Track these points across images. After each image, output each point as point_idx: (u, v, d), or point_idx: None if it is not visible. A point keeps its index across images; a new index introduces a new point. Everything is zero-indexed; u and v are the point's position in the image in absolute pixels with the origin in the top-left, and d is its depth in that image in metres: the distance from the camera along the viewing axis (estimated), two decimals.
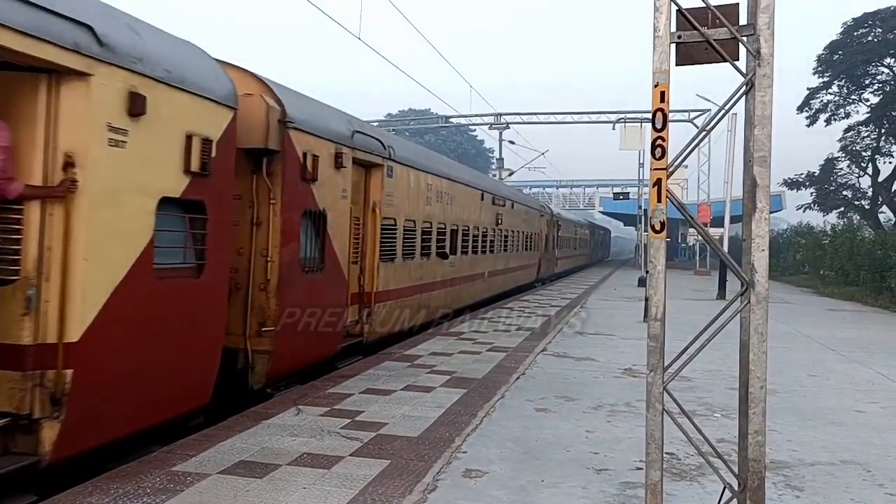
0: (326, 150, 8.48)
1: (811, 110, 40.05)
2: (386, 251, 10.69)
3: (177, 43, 6.00)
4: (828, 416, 7.40)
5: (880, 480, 5.37)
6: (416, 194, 12.28)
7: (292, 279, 7.74)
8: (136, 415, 5.38)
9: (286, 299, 7.58)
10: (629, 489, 4.98)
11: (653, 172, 3.56)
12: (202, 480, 4.84)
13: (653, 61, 3.51)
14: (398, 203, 11.25)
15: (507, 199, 20.68)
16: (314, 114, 8.48)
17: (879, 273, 25.17)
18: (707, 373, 9.14)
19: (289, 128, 7.53)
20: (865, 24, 36.50)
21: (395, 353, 10.30)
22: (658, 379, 3.60)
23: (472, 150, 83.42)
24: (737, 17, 3.63)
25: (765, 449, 3.70)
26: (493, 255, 18.93)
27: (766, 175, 3.62)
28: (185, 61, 5.87)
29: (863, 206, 39.46)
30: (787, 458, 5.86)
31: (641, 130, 31.11)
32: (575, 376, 9.07)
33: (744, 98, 3.71)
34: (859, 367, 10.42)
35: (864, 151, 39.03)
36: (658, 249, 3.61)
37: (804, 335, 13.97)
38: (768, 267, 3.67)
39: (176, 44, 5.97)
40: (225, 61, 6.86)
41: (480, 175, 20.93)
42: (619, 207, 52.35)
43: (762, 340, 3.64)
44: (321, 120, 8.56)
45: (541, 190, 63.89)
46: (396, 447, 5.76)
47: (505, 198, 20.43)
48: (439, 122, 50.57)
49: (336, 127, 8.96)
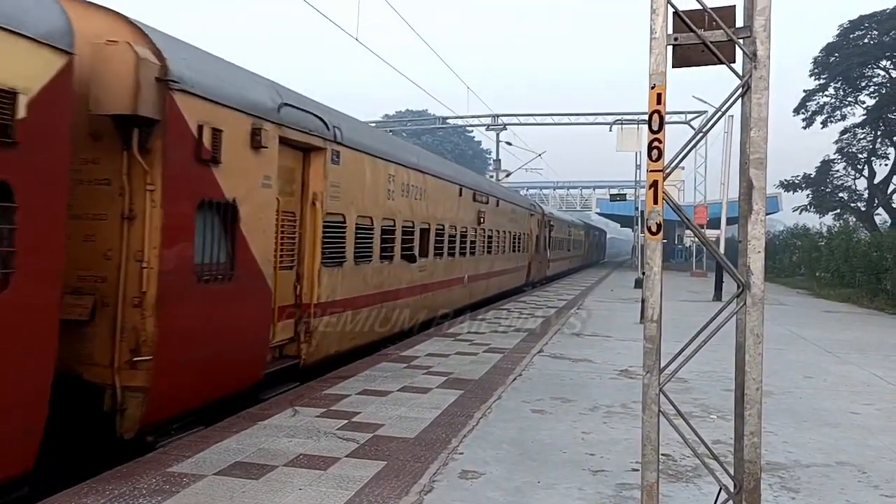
0: (237, 123, 6.68)
1: (807, 112, 40.19)
2: (332, 254, 8.92)
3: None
4: (823, 417, 7.41)
5: (875, 482, 5.39)
6: (374, 186, 10.48)
7: (181, 291, 5.95)
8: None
9: (170, 318, 5.76)
10: (625, 490, 4.98)
11: (649, 174, 3.57)
12: (198, 481, 4.84)
13: (649, 63, 3.52)
14: (348, 196, 9.38)
15: (490, 196, 18.99)
16: (217, 75, 6.67)
17: (875, 275, 25.24)
18: (703, 374, 9.16)
19: (173, 89, 5.72)
20: (861, 26, 36.64)
21: (392, 354, 10.29)
22: (654, 380, 3.61)
23: (469, 152, 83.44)
24: (733, 19, 3.64)
25: (760, 450, 3.71)
26: (474, 257, 17.34)
27: (763, 177, 3.63)
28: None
29: (859, 208, 39.59)
30: (783, 459, 5.87)
31: (638, 132, 31.16)
32: (571, 377, 9.08)
33: (740, 100, 3.71)
34: (855, 369, 10.45)
35: (861, 153, 39.18)
36: (654, 251, 3.62)
37: (800, 337, 14.00)
38: (764, 269, 3.68)
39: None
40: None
41: (460, 168, 18.86)
42: (616, 209, 52.32)
43: (758, 342, 3.65)
44: (229, 84, 6.79)
45: (538, 191, 63.87)
46: (393, 448, 5.75)
47: (489, 194, 18.86)
48: (436, 123, 50.59)
49: (254, 95, 7.18)
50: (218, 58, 7.09)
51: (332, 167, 8.86)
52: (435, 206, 13.73)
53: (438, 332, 12.75)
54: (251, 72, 7.69)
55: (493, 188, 21.20)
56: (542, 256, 29.83)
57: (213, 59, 6.95)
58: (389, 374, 8.75)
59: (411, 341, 11.52)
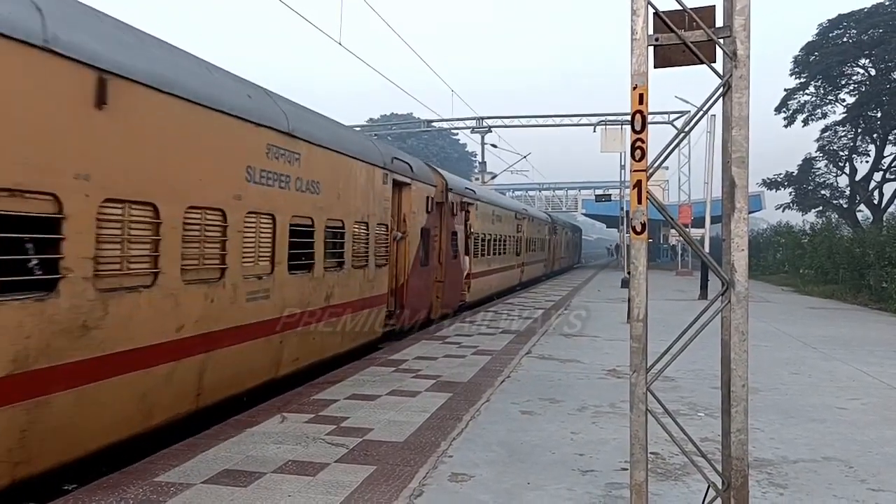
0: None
1: (789, 111, 40.58)
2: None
3: None
4: (810, 413, 7.47)
5: (862, 476, 5.43)
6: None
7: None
8: None
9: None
10: (614, 490, 4.99)
11: (633, 174, 3.59)
12: (186, 490, 4.80)
13: (631, 64, 3.54)
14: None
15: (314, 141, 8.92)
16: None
17: (858, 271, 25.51)
18: (690, 372, 9.20)
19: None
20: (840, 25, 37.08)
21: (380, 358, 10.27)
22: (641, 379, 3.62)
23: (454, 155, 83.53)
24: (713, 19, 3.66)
25: (748, 447, 3.73)
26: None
27: (745, 175, 3.65)
28: None
29: (841, 205, 39.98)
30: (771, 455, 5.91)
31: (622, 133, 31.34)
32: (560, 378, 9.09)
33: (721, 99, 3.74)
34: (840, 365, 10.54)
35: (842, 151, 39.59)
36: (639, 251, 3.63)
37: (785, 333, 14.11)
38: (748, 266, 3.70)
39: None
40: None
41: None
42: (601, 209, 52.52)
43: (743, 339, 3.67)
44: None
45: (524, 193, 64.05)
46: (382, 453, 5.73)
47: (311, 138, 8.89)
48: (421, 126, 50.59)
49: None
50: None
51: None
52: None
53: (426, 334, 12.74)
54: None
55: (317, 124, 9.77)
56: (452, 269, 16.13)
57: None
58: (378, 379, 8.72)
59: (399, 345, 11.50)
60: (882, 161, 37.96)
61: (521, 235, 26.86)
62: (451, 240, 15.94)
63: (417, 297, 13.28)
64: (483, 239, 19.89)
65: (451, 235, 15.90)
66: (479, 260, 19.34)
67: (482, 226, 19.74)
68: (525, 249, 28.11)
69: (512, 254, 24.90)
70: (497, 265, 22.17)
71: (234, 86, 7.52)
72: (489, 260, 20.89)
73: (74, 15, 5.29)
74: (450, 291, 15.79)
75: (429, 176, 14.47)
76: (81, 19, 5.33)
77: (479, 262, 19.33)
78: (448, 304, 15.69)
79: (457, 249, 16.55)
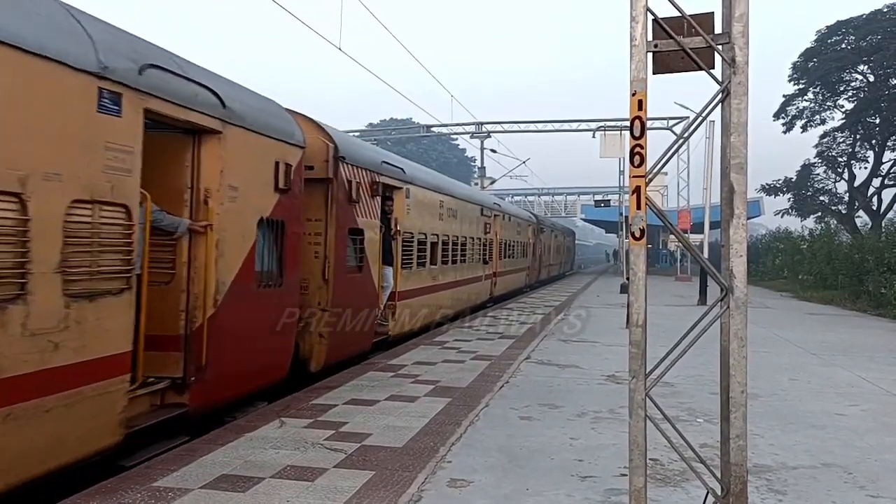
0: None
1: (787, 117, 40.70)
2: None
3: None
4: (809, 419, 7.47)
5: (861, 483, 5.42)
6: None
7: None
8: None
9: None
10: (614, 496, 4.98)
11: (632, 180, 3.59)
12: (184, 496, 4.78)
13: (630, 70, 3.55)
14: None
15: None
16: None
17: (857, 277, 25.50)
18: (689, 378, 9.20)
19: None
20: (839, 31, 37.20)
21: (379, 362, 10.26)
22: (640, 385, 3.62)
23: (454, 160, 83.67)
24: (712, 26, 3.68)
25: (747, 453, 3.73)
26: None
27: (743, 181, 3.66)
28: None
29: (839, 210, 40.05)
30: (770, 461, 5.90)
31: (621, 138, 31.42)
32: (559, 384, 9.08)
33: (720, 106, 3.75)
34: (839, 371, 10.53)
35: (840, 157, 39.70)
36: (638, 256, 3.64)
37: (784, 339, 14.10)
38: (747, 272, 3.71)
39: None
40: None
41: None
42: (601, 214, 52.62)
43: (742, 345, 3.67)
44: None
45: (523, 198, 64.13)
46: (381, 458, 5.72)
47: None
48: (421, 131, 50.68)
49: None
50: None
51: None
52: None
53: (425, 339, 12.73)
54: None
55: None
56: (352, 289, 10.15)
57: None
58: (377, 384, 8.72)
59: (398, 350, 11.49)
60: (881, 167, 38.06)
61: (491, 238, 21.27)
62: (350, 241, 10.04)
63: (244, 346, 7.40)
64: (423, 241, 13.92)
65: (349, 234, 9.95)
66: (414, 273, 13.27)
67: (422, 222, 13.81)
68: (499, 255, 22.64)
69: (476, 261, 19.27)
70: (449, 278, 16.15)
71: None
72: (435, 272, 14.89)
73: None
74: (349, 326, 9.83)
75: (282, 124, 8.04)
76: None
77: (415, 276, 13.36)
78: (344, 346, 9.88)
79: (362, 257, 10.38)
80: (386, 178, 11.57)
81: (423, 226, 13.96)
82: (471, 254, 18.49)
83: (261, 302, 7.71)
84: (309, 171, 8.86)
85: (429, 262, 14.40)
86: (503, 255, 23.72)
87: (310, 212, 9.11)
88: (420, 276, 13.81)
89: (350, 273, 10.13)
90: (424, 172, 15.47)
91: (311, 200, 9.07)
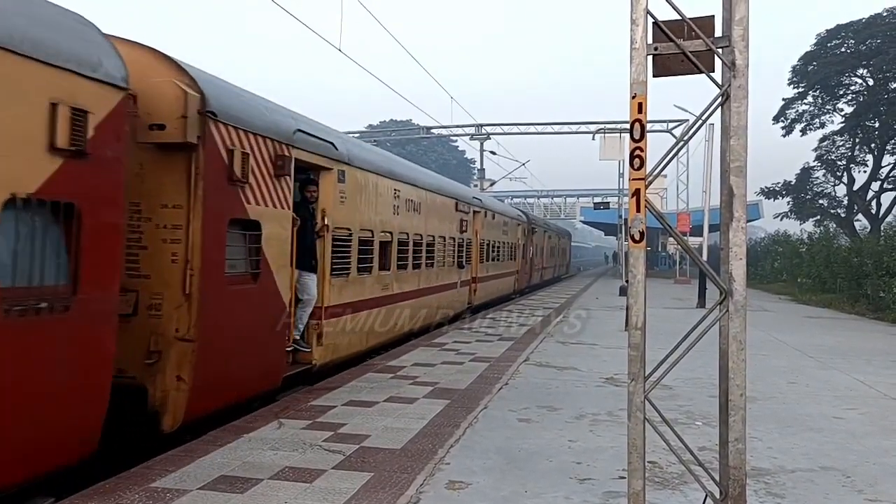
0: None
1: (787, 120, 40.77)
2: None
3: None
4: (807, 422, 7.47)
5: (859, 486, 5.43)
6: None
7: None
8: None
9: None
10: (612, 498, 4.98)
11: (632, 182, 3.59)
12: (182, 496, 4.78)
13: (630, 73, 3.55)
14: None
15: None
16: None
17: (856, 280, 25.52)
18: (688, 381, 9.20)
19: None
20: (838, 35, 37.27)
21: (378, 364, 10.26)
22: (639, 388, 3.62)
23: (453, 161, 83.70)
24: (712, 29, 3.68)
25: (745, 456, 3.73)
26: None
27: (743, 184, 3.67)
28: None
29: (838, 214, 40.11)
30: (768, 465, 5.90)
31: (621, 141, 31.45)
32: (557, 386, 9.08)
33: (720, 109, 3.76)
34: (838, 374, 10.54)
35: (840, 161, 39.78)
36: (638, 259, 3.64)
37: (783, 342, 14.11)
38: (746, 275, 3.71)
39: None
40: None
41: None
42: (600, 217, 52.62)
43: (741, 348, 3.68)
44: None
45: (522, 200, 64.14)
46: (379, 460, 5.72)
47: None
48: (420, 132, 50.70)
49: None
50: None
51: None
52: None
53: (424, 341, 12.73)
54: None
55: None
56: (234, 308, 7.05)
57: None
58: (375, 385, 8.71)
59: (397, 351, 11.49)
60: (880, 171, 38.13)
61: (470, 237, 18.59)
62: (235, 238, 7.10)
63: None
64: (368, 241, 10.75)
65: (233, 229, 7.03)
66: (352, 282, 10.10)
67: (366, 215, 10.67)
68: (479, 257, 19.94)
69: (449, 265, 16.41)
70: (409, 286, 13.17)
71: None
72: (387, 279, 11.77)
73: None
74: (234, 360, 7.05)
75: (68, 43, 4.87)
76: None
77: (353, 285, 10.19)
78: (225, 390, 6.99)
79: (258, 261, 7.41)
80: (304, 153, 8.45)
81: (367, 220, 10.71)
82: (441, 256, 15.47)
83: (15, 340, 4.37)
84: (157, 131, 6.19)
85: (377, 268, 11.19)
86: (486, 257, 20.95)
87: (160, 194, 6.33)
88: (362, 286, 10.59)
89: (235, 284, 7.02)
90: (370, 151, 12.14)
91: (161, 176, 6.33)
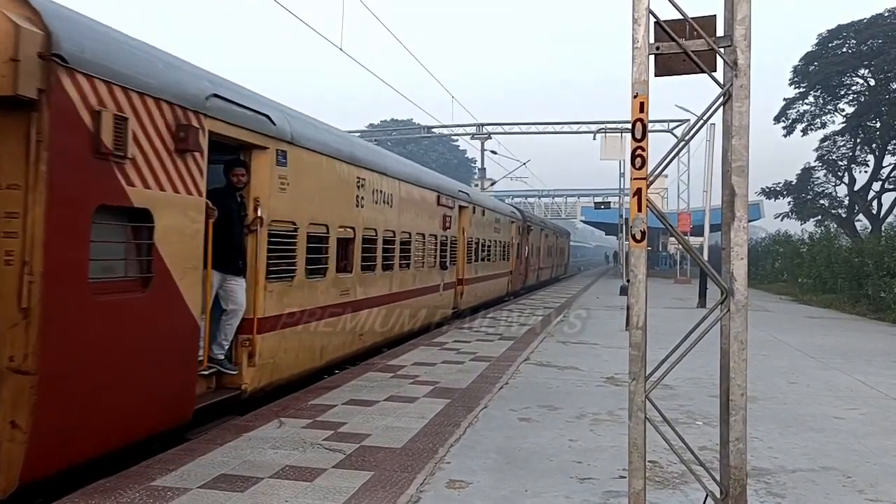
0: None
1: (788, 120, 40.73)
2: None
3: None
4: (808, 422, 7.46)
5: (860, 486, 5.42)
6: None
7: None
8: None
9: None
10: (612, 498, 4.98)
11: (633, 182, 3.59)
12: (182, 495, 4.78)
13: (632, 72, 3.55)
14: None
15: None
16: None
17: (856, 280, 25.50)
18: (689, 380, 9.20)
19: None
20: (840, 35, 37.24)
21: (379, 363, 10.26)
22: (640, 387, 3.62)
23: (454, 161, 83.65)
24: (714, 28, 3.68)
25: (746, 456, 3.73)
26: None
27: (744, 184, 3.66)
28: None
29: (839, 214, 40.08)
30: (769, 464, 5.90)
31: (622, 141, 31.40)
32: (558, 385, 9.08)
33: (721, 108, 3.75)
34: (838, 374, 10.53)
35: (841, 161, 39.73)
36: (639, 258, 3.64)
37: (783, 342, 14.10)
38: (747, 275, 3.71)
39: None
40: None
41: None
42: (601, 217, 52.54)
43: (742, 348, 3.68)
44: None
45: (523, 199, 64.13)
46: (379, 459, 5.72)
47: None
48: (421, 132, 50.68)
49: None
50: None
51: None
52: None
53: (424, 340, 12.73)
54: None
55: None
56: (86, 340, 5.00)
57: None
58: (376, 384, 8.71)
59: (398, 350, 11.49)
60: (881, 171, 38.10)
61: (455, 235, 17.00)
62: (106, 232, 5.21)
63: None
64: (320, 237, 9.05)
65: (103, 218, 5.11)
66: (297, 286, 8.41)
67: (318, 206, 8.94)
68: (467, 257, 18.32)
69: (430, 265, 14.71)
70: (377, 290, 11.35)
71: None
72: (346, 283, 9.98)
73: None
74: (104, 396, 5.22)
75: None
76: None
77: (299, 290, 8.48)
78: (95, 435, 5.21)
79: (150, 262, 5.63)
80: (223, 125, 6.70)
81: (319, 213, 8.97)
82: (419, 256, 13.81)
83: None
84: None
85: (334, 269, 9.49)
86: (474, 257, 19.24)
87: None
88: (313, 292, 8.86)
89: (107, 293, 5.23)
90: (324, 131, 9.74)
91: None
